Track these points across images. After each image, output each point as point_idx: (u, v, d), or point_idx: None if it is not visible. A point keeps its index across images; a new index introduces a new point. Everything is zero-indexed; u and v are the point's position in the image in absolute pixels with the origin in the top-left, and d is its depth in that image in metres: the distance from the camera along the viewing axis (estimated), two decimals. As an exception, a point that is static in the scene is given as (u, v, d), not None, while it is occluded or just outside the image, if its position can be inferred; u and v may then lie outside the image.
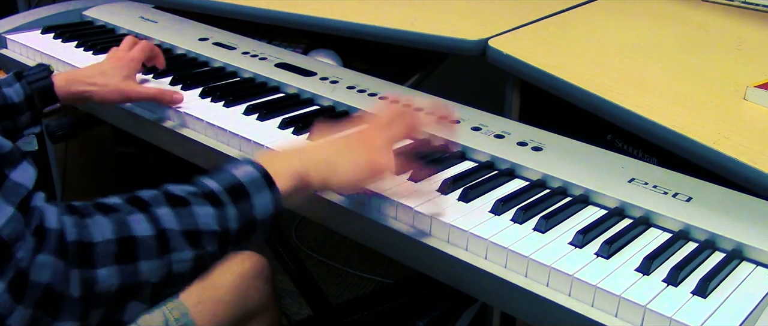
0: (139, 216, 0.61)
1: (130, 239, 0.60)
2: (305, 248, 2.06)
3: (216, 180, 0.67)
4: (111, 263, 0.58)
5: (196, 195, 0.65)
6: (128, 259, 0.59)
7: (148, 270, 0.60)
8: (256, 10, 1.34)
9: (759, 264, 0.73)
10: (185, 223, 0.63)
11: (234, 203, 0.66)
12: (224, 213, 0.65)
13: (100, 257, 0.58)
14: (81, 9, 1.52)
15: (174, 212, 0.63)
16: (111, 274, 0.58)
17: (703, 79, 1.04)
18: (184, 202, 0.64)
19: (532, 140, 0.94)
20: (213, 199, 0.65)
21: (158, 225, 0.62)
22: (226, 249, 0.67)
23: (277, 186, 0.69)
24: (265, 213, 0.68)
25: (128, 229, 0.60)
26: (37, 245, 0.55)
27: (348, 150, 0.77)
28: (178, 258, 0.62)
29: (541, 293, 0.71)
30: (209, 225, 0.64)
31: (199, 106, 1.08)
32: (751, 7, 1.36)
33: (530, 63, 1.05)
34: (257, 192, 0.68)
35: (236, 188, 0.67)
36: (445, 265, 0.78)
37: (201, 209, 0.64)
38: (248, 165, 0.69)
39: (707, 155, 0.84)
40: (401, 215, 0.82)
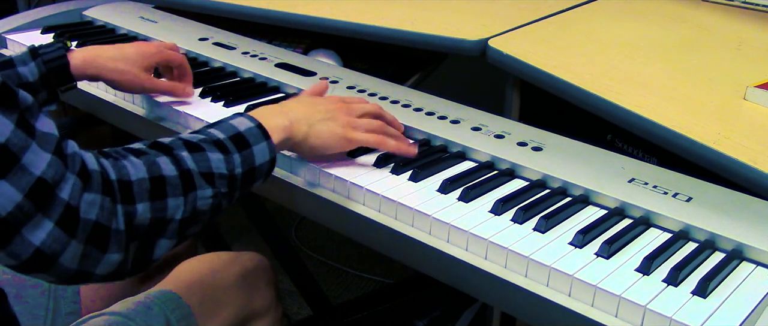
0: (165, 158, 0.70)
1: (160, 178, 0.68)
2: (305, 248, 2.06)
3: (220, 130, 0.76)
4: (146, 199, 0.66)
5: (207, 142, 0.74)
6: (159, 196, 0.67)
7: (175, 206, 0.69)
8: (256, 10, 1.34)
9: (759, 264, 0.73)
10: (202, 166, 0.71)
11: (238, 150, 0.75)
12: (231, 158, 0.74)
13: (137, 193, 0.66)
14: (81, 9, 1.52)
15: (192, 155, 0.71)
16: (146, 209, 0.66)
17: (703, 79, 1.04)
18: (199, 148, 0.72)
19: (532, 140, 0.94)
20: (221, 146, 0.74)
21: (181, 166, 0.70)
22: (234, 191, 0.75)
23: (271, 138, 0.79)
24: (263, 160, 0.78)
25: (158, 169, 0.68)
26: (84, 185, 0.61)
27: (328, 117, 0.87)
28: (201, 196, 0.71)
29: (541, 293, 0.71)
30: (220, 168, 0.73)
31: (200, 105, 1.08)
32: (751, 7, 1.36)
33: (530, 63, 1.05)
34: (256, 142, 0.77)
35: (239, 138, 0.76)
36: (445, 265, 0.78)
37: (213, 154, 0.73)
38: (245, 119, 0.79)
39: (707, 155, 0.84)
40: (401, 215, 0.82)
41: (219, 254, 1.06)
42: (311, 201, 0.90)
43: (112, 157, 0.67)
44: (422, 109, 1.03)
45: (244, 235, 2.10)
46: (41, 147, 0.59)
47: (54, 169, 0.59)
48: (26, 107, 0.59)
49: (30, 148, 0.58)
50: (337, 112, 0.88)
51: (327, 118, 0.87)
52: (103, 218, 0.62)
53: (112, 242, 0.64)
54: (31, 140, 0.58)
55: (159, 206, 0.67)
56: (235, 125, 0.78)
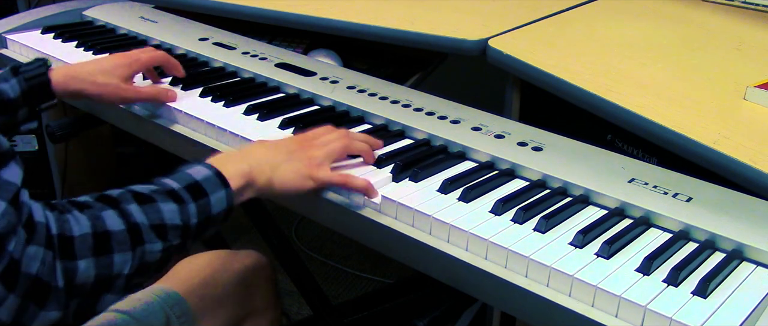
0: (111, 212, 0.67)
1: (105, 233, 0.65)
2: (305, 248, 2.06)
3: (175, 180, 0.74)
4: (89, 255, 0.64)
5: (159, 193, 0.71)
6: (104, 252, 0.65)
7: (122, 262, 0.66)
8: (256, 10, 1.34)
9: (759, 264, 0.73)
10: (153, 218, 0.69)
11: (194, 200, 0.73)
12: (186, 209, 0.72)
13: (79, 250, 0.63)
14: (81, 9, 1.52)
15: (141, 208, 0.69)
16: (89, 266, 0.63)
17: (703, 79, 1.04)
18: (151, 199, 0.70)
19: (532, 140, 0.94)
20: (175, 197, 0.71)
21: (129, 219, 0.67)
22: (187, 241, 0.73)
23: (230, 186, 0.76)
24: (220, 209, 0.75)
25: (103, 224, 0.65)
26: (28, 237, 0.59)
27: (290, 157, 0.84)
28: (150, 250, 0.68)
29: (542, 293, 0.71)
30: (173, 219, 0.70)
31: (200, 105, 1.08)
32: (751, 7, 1.36)
33: (530, 63, 1.05)
34: (213, 190, 0.75)
35: (195, 187, 0.73)
36: (445, 265, 0.78)
37: (165, 205, 0.70)
38: (202, 167, 0.76)
39: (707, 155, 0.84)
40: (401, 215, 0.82)
41: (219, 252, 1.06)
42: (311, 202, 0.89)
43: (58, 209, 0.65)
44: (422, 109, 1.03)
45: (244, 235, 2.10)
46: None
47: (6, 220, 0.57)
48: None
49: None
50: (298, 151, 0.86)
51: (290, 158, 0.84)
52: (43, 273, 0.60)
53: (51, 299, 0.62)
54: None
55: (104, 262, 0.65)
56: (191, 174, 0.75)
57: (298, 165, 0.84)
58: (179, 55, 1.30)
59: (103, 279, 0.65)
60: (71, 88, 1.02)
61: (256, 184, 0.81)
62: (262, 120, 1.03)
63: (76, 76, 1.03)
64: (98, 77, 1.04)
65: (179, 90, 1.13)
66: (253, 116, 1.04)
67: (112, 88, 1.04)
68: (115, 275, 0.66)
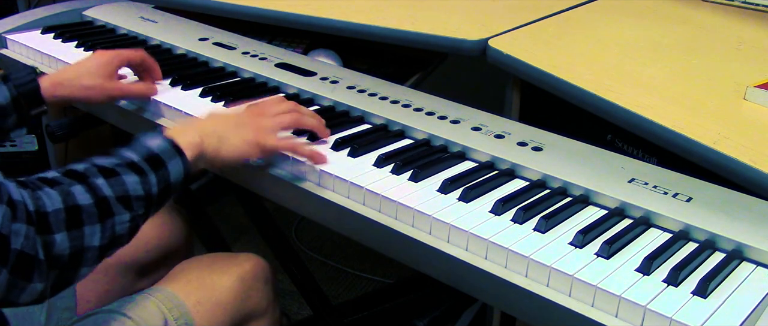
0: (79, 187, 0.70)
1: (75, 207, 0.68)
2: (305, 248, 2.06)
3: (135, 152, 0.77)
4: (63, 229, 0.67)
5: (122, 166, 0.74)
6: (75, 225, 0.68)
7: (91, 233, 0.69)
8: (256, 10, 1.34)
9: (759, 264, 0.73)
10: (118, 191, 0.72)
11: (153, 170, 0.76)
12: (147, 179, 0.75)
13: (54, 224, 0.66)
14: (81, 9, 1.52)
15: (107, 181, 0.72)
16: (64, 239, 0.66)
17: (703, 79, 1.04)
18: (114, 172, 0.73)
19: (532, 140, 0.94)
20: (136, 169, 0.75)
21: (97, 193, 0.70)
22: (150, 210, 0.77)
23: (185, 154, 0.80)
24: (178, 177, 0.79)
25: (74, 199, 0.68)
26: (12, 214, 0.62)
27: (238, 127, 0.88)
28: (119, 221, 0.72)
29: (541, 293, 0.71)
30: (136, 190, 0.74)
31: (200, 105, 1.08)
32: (751, 7, 1.36)
33: (530, 63, 1.05)
34: (170, 160, 0.78)
35: (153, 158, 0.77)
36: (445, 265, 0.78)
37: (128, 177, 0.73)
38: (158, 138, 0.80)
39: (707, 155, 0.84)
40: (401, 215, 0.82)
41: (217, 255, 1.06)
42: (311, 202, 0.90)
43: (30, 187, 0.67)
44: (422, 109, 1.03)
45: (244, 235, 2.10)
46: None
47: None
48: None
49: None
50: (247, 119, 0.89)
51: (238, 125, 0.88)
52: (27, 247, 0.63)
53: (35, 272, 0.64)
54: None
55: (76, 235, 0.68)
56: (148, 145, 0.78)
57: (246, 134, 0.87)
58: (179, 55, 1.30)
59: (77, 251, 0.68)
60: (58, 94, 1.04)
61: (207, 155, 0.84)
62: (262, 120, 1.03)
63: (61, 82, 1.04)
64: (83, 80, 1.05)
65: (179, 90, 1.13)
66: (253, 116, 1.04)
67: (98, 89, 1.05)
68: (87, 247, 0.69)
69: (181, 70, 1.21)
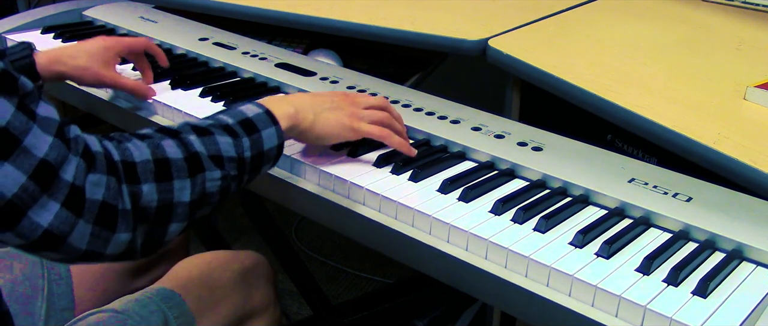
0: (170, 141, 0.70)
1: (165, 160, 0.68)
2: (305, 248, 2.06)
3: (230, 116, 0.77)
4: (152, 180, 0.66)
5: (216, 126, 0.75)
6: (165, 178, 0.68)
7: (181, 188, 0.69)
8: (256, 10, 1.34)
9: (759, 264, 0.73)
10: (211, 149, 0.72)
11: (247, 134, 0.76)
12: (240, 142, 0.75)
13: (141, 174, 0.66)
14: (81, 9, 1.52)
15: (200, 139, 0.72)
16: (151, 190, 0.66)
17: (703, 79, 1.04)
18: (208, 132, 0.73)
19: (532, 140, 0.94)
20: (230, 131, 0.75)
21: (188, 149, 0.70)
22: (243, 175, 0.76)
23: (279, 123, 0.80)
24: (271, 145, 0.79)
25: (163, 152, 0.68)
26: (88, 166, 0.62)
27: (333, 107, 0.88)
28: (210, 178, 0.71)
29: (541, 293, 0.71)
30: (229, 151, 0.73)
31: (200, 106, 1.08)
32: (751, 7, 1.36)
33: (530, 63, 1.05)
34: (264, 127, 0.78)
35: (247, 122, 0.77)
36: (445, 265, 0.78)
37: (221, 138, 0.74)
38: (254, 106, 0.80)
39: (707, 155, 0.84)
40: (401, 215, 0.82)
41: (217, 252, 1.06)
42: (311, 202, 0.90)
43: (117, 140, 0.68)
44: (422, 109, 1.03)
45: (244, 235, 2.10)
46: (43, 130, 0.59)
47: (56, 152, 0.59)
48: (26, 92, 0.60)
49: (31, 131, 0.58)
50: (342, 103, 0.90)
51: (333, 107, 0.88)
52: (109, 197, 0.63)
53: (120, 222, 0.64)
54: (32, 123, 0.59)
55: (165, 187, 0.68)
56: (243, 111, 0.79)
57: (339, 115, 0.88)
58: (179, 55, 1.30)
59: (166, 205, 0.68)
60: (54, 69, 1.05)
61: (300, 127, 0.84)
62: (262, 120, 1.03)
63: (58, 59, 1.05)
64: (79, 60, 1.06)
65: (179, 90, 1.13)
66: (253, 116, 1.04)
67: (93, 71, 1.06)
68: (176, 202, 0.69)
69: (181, 70, 1.21)
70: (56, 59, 1.05)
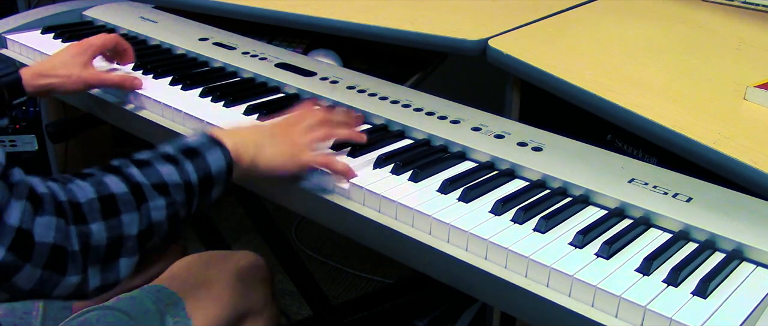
0: (112, 177, 0.70)
1: (110, 196, 0.68)
2: (305, 248, 2.06)
3: (170, 145, 0.77)
4: (99, 219, 0.66)
5: (155, 157, 0.75)
6: (112, 214, 0.67)
7: (130, 221, 0.68)
8: (256, 10, 1.34)
9: (759, 265, 0.73)
10: (153, 178, 0.72)
11: (189, 159, 0.76)
12: (183, 167, 0.75)
13: (88, 214, 0.65)
14: (81, 9, 1.52)
15: (141, 170, 0.72)
16: (101, 229, 0.66)
17: (703, 79, 1.04)
18: (148, 163, 0.74)
19: (532, 140, 0.94)
20: (171, 159, 0.75)
21: (130, 181, 0.70)
22: (192, 200, 0.76)
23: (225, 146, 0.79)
24: (219, 168, 0.78)
25: (107, 188, 0.68)
26: (35, 209, 0.61)
27: (273, 139, 0.86)
28: (155, 206, 0.71)
29: (541, 293, 0.71)
30: (172, 177, 0.73)
31: (200, 106, 1.08)
32: (751, 7, 1.36)
33: (530, 63, 1.05)
34: (207, 150, 0.78)
35: (188, 149, 0.77)
36: (445, 265, 0.78)
37: (163, 166, 0.74)
38: (196, 135, 0.80)
39: (707, 155, 0.84)
40: (401, 215, 0.82)
41: (215, 253, 1.06)
42: (311, 201, 0.90)
43: (59, 181, 0.67)
44: (422, 109, 1.03)
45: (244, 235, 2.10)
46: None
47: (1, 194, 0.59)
48: None
49: None
50: (282, 134, 0.88)
51: (273, 140, 0.86)
52: (59, 240, 0.62)
53: (69, 264, 0.64)
54: None
55: (113, 224, 0.67)
56: (184, 140, 0.79)
57: (282, 147, 0.86)
58: (179, 55, 1.30)
59: (115, 241, 0.67)
60: (38, 84, 1.07)
61: (241, 163, 0.82)
62: (262, 120, 1.03)
63: (41, 72, 1.07)
64: (59, 70, 1.08)
65: (179, 90, 1.13)
66: (253, 116, 1.04)
67: (75, 77, 1.08)
68: (126, 236, 0.68)
69: (181, 70, 1.21)
70: (38, 73, 1.07)
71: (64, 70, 1.07)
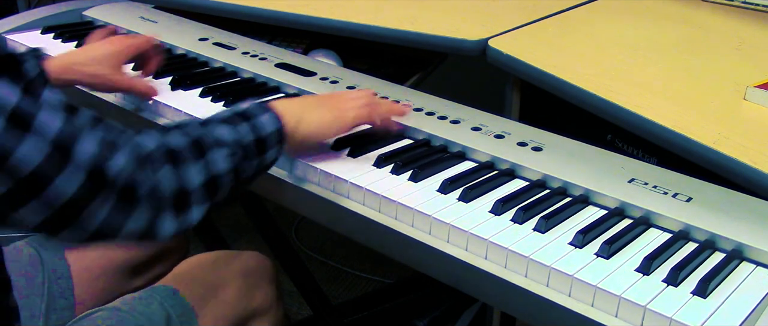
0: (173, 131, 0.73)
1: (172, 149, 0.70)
2: (305, 248, 2.06)
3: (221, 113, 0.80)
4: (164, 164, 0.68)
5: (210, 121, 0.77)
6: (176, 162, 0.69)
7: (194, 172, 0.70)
8: (256, 10, 1.34)
9: (759, 264, 0.73)
10: (210, 136, 0.74)
11: (243, 120, 0.78)
12: (237, 128, 0.77)
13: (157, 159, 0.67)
14: (81, 9, 1.52)
15: (200, 128, 0.75)
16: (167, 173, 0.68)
17: (703, 79, 1.04)
18: (205, 123, 0.76)
19: (532, 140, 0.94)
20: (225, 120, 0.77)
21: (190, 135, 0.73)
22: (251, 160, 0.78)
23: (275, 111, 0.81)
24: (272, 129, 0.80)
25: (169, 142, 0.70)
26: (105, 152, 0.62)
27: (318, 106, 0.89)
28: (215, 157, 0.73)
29: (541, 293, 0.71)
30: (228, 135, 0.76)
31: (200, 106, 1.08)
32: (751, 7, 1.36)
33: (530, 63, 1.05)
34: (259, 114, 0.80)
35: (240, 112, 0.79)
36: (445, 265, 0.78)
37: (218, 126, 0.76)
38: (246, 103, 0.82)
39: (707, 155, 0.84)
40: (401, 215, 0.82)
41: (220, 252, 1.06)
42: (311, 201, 0.90)
43: None
44: (422, 109, 1.03)
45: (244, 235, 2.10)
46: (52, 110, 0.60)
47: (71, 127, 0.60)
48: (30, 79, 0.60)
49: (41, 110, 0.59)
50: (327, 101, 0.91)
51: (317, 106, 0.89)
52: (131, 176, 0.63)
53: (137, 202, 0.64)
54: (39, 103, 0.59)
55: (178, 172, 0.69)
56: (235, 107, 0.81)
57: (324, 111, 0.88)
58: (179, 55, 1.30)
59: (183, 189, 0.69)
60: (65, 77, 1.03)
61: (287, 126, 0.83)
62: (262, 120, 1.03)
63: (69, 66, 1.04)
64: (90, 67, 1.04)
65: (179, 90, 1.13)
66: (253, 116, 1.04)
67: (104, 78, 1.05)
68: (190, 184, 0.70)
69: (181, 70, 1.21)
70: (67, 67, 1.03)
71: (94, 68, 1.04)
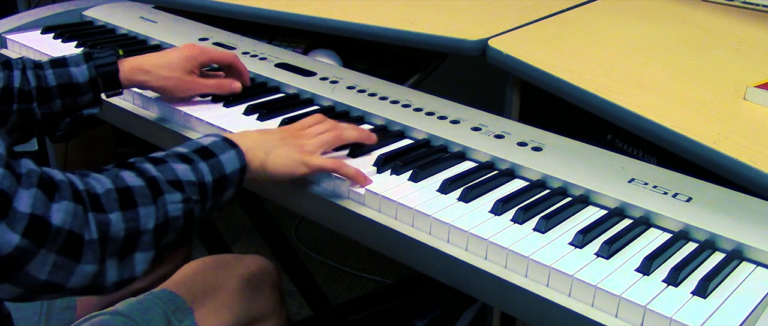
0: (128, 172, 0.71)
1: (126, 189, 0.69)
2: (305, 248, 2.06)
3: (184, 146, 0.78)
4: (117, 209, 0.67)
5: (170, 156, 0.75)
6: (129, 206, 0.68)
7: (146, 215, 0.69)
8: (256, 10, 1.34)
9: (759, 264, 0.73)
10: (167, 175, 0.73)
11: (203, 159, 0.76)
12: (197, 166, 0.75)
13: (106, 203, 0.66)
14: (81, 9, 1.52)
15: (156, 167, 0.73)
16: (119, 219, 0.66)
17: (703, 79, 1.04)
18: (163, 160, 0.74)
19: (532, 140, 0.94)
20: (185, 158, 0.76)
21: (146, 175, 0.71)
22: (206, 201, 0.76)
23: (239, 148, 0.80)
24: (233, 168, 0.78)
25: (123, 181, 0.69)
26: (51, 195, 0.62)
27: (282, 143, 0.86)
28: (170, 200, 0.71)
29: (541, 293, 0.71)
30: (187, 175, 0.74)
31: (199, 105, 1.08)
32: (751, 7, 1.36)
33: (530, 63, 1.05)
34: (221, 151, 0.78)
35: (202, 150, 0.78)
36: (445, 265, 0.78)
37: (177, 165, 0.74)
38: (210, 136, 0.81)
39: (707, 155, 0.84)
40: (401, 215, 0.82)
41: (223, 256, 1.05)
42: (311, 201, 0.90)
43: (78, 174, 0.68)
44: (422, 109, 1.03)
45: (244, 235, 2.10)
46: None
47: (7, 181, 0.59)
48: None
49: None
50: (291, 138, 0.87)
51: (282, 144, 0.86)
52: (76, 226, 0.62)
53: (85, 251, 0.63)
54: None
55: (131, 216, 0.67)
56: (198, 141, 0.79)
57: (290, 151, 0.85)
58: (179, 55, 1.30)
59: (133, 233, 0.68)
60: (136, 79, 1.03)
61: (251, 165, 0.82)
62: (261, 120, 1.03)
63: (141, 68, 1.04)
64: (161, 71, 1.04)
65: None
66: (252, 116, 1.04)
67: (175, 81, 1.05)
68: (142, 230, 0.68)
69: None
70: (138, 68, 1.03)
71: (166, 71, 1.04)
